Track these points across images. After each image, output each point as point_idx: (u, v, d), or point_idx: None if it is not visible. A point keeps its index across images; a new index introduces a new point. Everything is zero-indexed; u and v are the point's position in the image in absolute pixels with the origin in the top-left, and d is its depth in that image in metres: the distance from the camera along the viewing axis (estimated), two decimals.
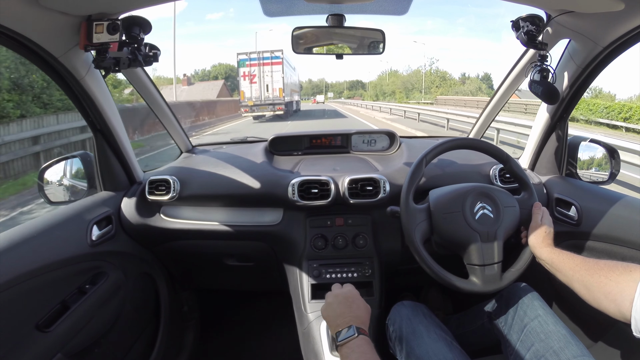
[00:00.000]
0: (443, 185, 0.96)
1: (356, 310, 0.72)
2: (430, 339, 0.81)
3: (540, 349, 0.76)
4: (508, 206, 0.87)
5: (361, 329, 0.67)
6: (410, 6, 1.00)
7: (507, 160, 0.94)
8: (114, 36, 0.83)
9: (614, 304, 0.63)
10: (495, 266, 0.84)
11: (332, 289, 0.80)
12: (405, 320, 0.87)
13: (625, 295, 0.61)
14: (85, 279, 0.97)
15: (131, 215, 1.13)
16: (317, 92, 77.24)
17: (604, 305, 0.66)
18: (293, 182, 1.11)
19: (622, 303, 0.61)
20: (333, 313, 0.73)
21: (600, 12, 0.80)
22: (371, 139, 1.46)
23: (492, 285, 0.84)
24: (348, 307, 0.73)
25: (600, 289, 0.66)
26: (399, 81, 52.03)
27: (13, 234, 0.81)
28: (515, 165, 0.95)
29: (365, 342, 0.65)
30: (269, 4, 1.05)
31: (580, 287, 0.71)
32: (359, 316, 0.71)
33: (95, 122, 1.06)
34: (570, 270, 0.74)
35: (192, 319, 1.56)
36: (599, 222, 0.97)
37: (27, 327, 0.79)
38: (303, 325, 1.05)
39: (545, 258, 0.79)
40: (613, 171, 1.15)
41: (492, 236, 0.84)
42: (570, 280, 0.74)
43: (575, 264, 0.74)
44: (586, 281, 0.70)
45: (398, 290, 1.59)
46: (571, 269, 0.74)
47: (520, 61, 1.20)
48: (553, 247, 0.81)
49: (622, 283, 0.63)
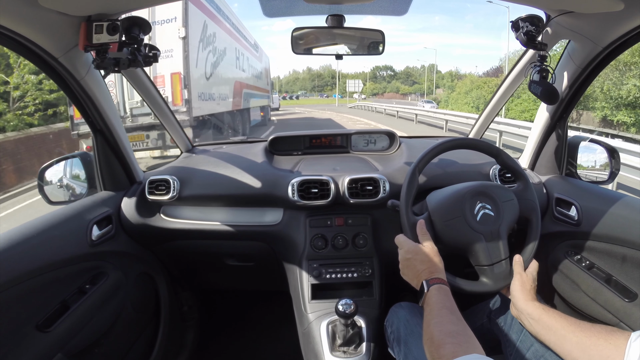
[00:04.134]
0: (443, 184, 0.96)
1: (427, 263, 0.77)
2: None
3: (539, 349, 0.76)
4: (506, 200, 0.87)
5: (435, 279, 0.73)
6: (410, 6, 1.00)
7: (497, 154, 0.94)
8: (113, 37, 0.83)
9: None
10: (504, 263, 0.84)
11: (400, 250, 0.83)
12: (403, 322, 0.87)
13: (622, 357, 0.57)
14: (85, 279, 0.97)
15: (131, 215, 1.14)
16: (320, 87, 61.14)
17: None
18: (293, 182, 1.11)
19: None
20: (410, 273, 0.79)
21: (600, 12, 0.80)
22: (371, 139, 1.46)
23: (503, 282, 0.83)
24: (420, 262, 0.78)
25: (598, 352, 0.62)
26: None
27: (13, 234, 0.81)
28: (507, 157, 0.94)
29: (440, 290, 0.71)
30: (268, 4, 1.05)
31: (574, 347, 0.65)
32: (429, 268, 0.76)
33: (95, 122, 1.06)
34: (562, 329, 0.68)
35: (192, 319, 1.56)
36: (599, 222, 0.96)
37: (27, 327, 0.79)
38: (303, 325, 1.05)
39: (532, 313, 0.74)
40: (613, 171, 1.15)
41: (496, 234, 0.84)
42: (561, 340, 0.68)
43: (569, 322, 0.69)
44: (582, 342, 0.64)
45: (398, 290, 1.59)
46: (563, 328, 0.68)
47: (520, 61, 1.20)
48: (537, 301, 0.76)
49: (622, 347, 0.59)
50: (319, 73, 67.12)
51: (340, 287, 1.11)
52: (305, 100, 49.09)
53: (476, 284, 0.84)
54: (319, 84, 63.58)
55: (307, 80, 64.13)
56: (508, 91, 1.34)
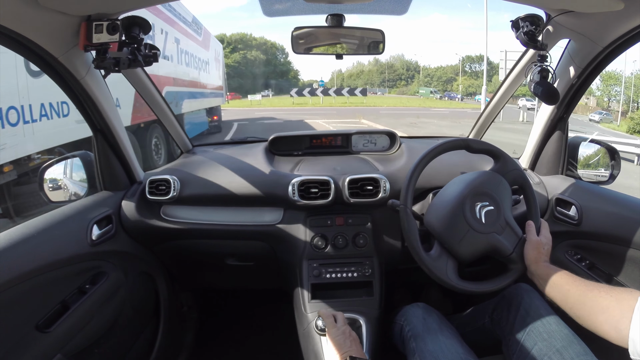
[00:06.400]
0: (443, 185, 0.96)
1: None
2: (444, 336, 0.85)
3: (543, 348, 0.76)
4: (496, 186, 0.89)
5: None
6: (410, 6, 1.00)
7: (466, 145, 0.94)
8: (113, 36, 0.83)
9: (610, 322, 0.61)
10: (522, 241, 0.86)
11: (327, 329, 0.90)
12: (420, 320, 0.91)
13: (624, 311, 0.59)
14: (85, 278, 0.97)
15: (131, 214, 1.14)
16: (392, 81, 45.35)
17: (598, 322, 0.63)
18: (293, 182, 1.11)
19: (620, 321, 0.59)
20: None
21: (600, 12, 0.80)
22: (371, 139, 1.46)
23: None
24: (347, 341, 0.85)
25: (597, 304, 0.64)
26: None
27: (13, 234, 0.81)
28: (475, 142, 0.94)
29: None
30: (268, 4, 1.05)
31: (576, 302, 0.68)
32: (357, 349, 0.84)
33: (95, 122, 1.06)
34: (566, 285, 0.72)
35: (192, 319, 1.56)
36: (599, 222, 0.96)
37: (27, 327, 0.79)
38: (303, 325, 1.05)
39: (541, 274, 0.78)
40: (613, 171, 1.15)
41: (504, 223, 0.86)
42: (565, 296, 0.72)
43: (573, 279, 0.72)
44: (584, 295, 0.67)
45: (397, 290, 1.59)
46: (568, 284, 0.72)
47: (520, 61, 1.20)
48: (549, 263, 0.80)
49: (623, 301, 0.60)
50: (390, 64, 51.89)
51: (340, 286, 1.11)
52: (374, 99, 31.38)
53: (509, 274, 0.86)
54: (390, 77, 49.92)
55: (374, 73, 50.73)
56: (508, 91, 1.33)
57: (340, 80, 51.54)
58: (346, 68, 58.64)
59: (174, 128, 1.42)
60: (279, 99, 33.04)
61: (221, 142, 1.63)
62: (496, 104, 1.39)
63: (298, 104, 25.01)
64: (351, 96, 25.24)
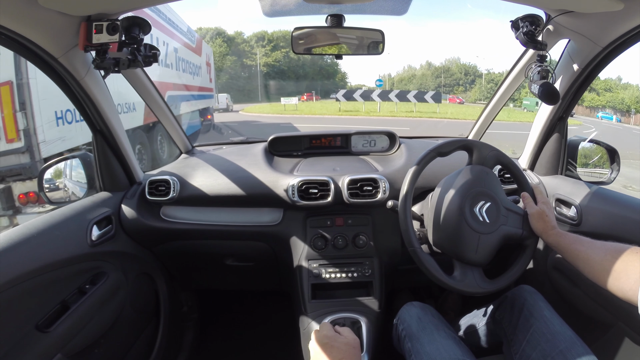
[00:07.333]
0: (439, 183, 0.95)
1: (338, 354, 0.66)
2: (440, 336, 0.84)
3: (547, 349, 0.75)
4: (483, 179, 0.89)
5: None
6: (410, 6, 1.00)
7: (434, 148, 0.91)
8: (113, 37, 0.83)
9: (618, 281, 0.62)
10: (526, 218, 0.87)
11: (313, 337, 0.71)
12: (415, 319, 0.90)
13: (630, 272, 0.59)
14: (85, 279, 0.97)
15: (131, 215, 1.14)
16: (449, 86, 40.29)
17: (606, 280, 0.64)
18: (293, 183, 1.11)
19: (627, 281, 0.59)
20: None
21: (600, 12, 0.80)
22: (371, 139, 1.46)
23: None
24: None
25: (605, 263, 0.65)
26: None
27: (13, 234, 0.81)
28: (445, 143, 0.92)
29: None
30: (268, 4, 1.05)
31: (584, 264, 0.71)
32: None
33: (95, 122, 1.06)
34: (577, 247, 0.74)
35: (192, 319, 1.56)
36: (599, 222, 0.96)
37: (27, 327, 0.79)
38: (303, 325, 1.05)
39: (552, 242, 0.80)
40: (613, 171, 1.15)
41: (505, 211, 0.87)
42: (574, 258, 0.74)
43: (582, 242, 0.74)
44: (591, 255, 0.69)
45: (397, 290, 1.59)
46: (577, 243, 0.74)
47: (520, 61, 1.20)
48: (558, 229, 0.82)
49: (630, 262, 0.61)
50: (446, 67, 45.58)
51: (340, 287, 1.11)
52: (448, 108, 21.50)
53: (528, 251, 0.87)
54: (446, 82, 44.24)
55: (428, 77, 45.70)
56: (508, 91, 1.33)
57: (390, 85, 45.94)
58: (396, 72, 53.57)
59: (173, 128, 1.42)
60: (321, 103, 25.22)
61: (221, 143, 1.62)
62: (495, 104, 1.39)
63: (347, 110, 17.65)
64: (419, 102, 16.79)
